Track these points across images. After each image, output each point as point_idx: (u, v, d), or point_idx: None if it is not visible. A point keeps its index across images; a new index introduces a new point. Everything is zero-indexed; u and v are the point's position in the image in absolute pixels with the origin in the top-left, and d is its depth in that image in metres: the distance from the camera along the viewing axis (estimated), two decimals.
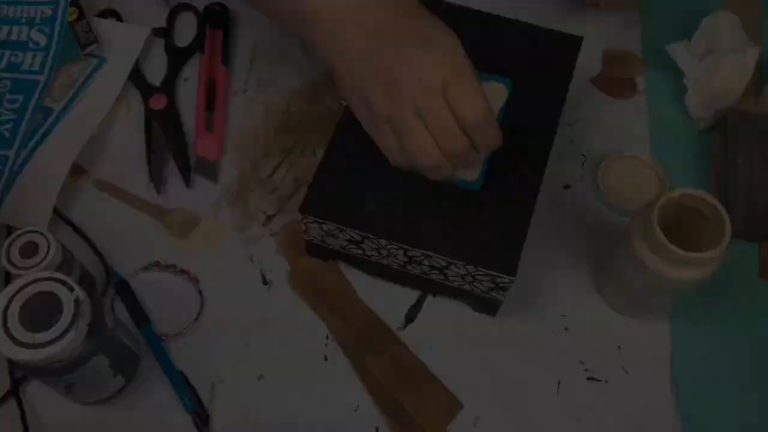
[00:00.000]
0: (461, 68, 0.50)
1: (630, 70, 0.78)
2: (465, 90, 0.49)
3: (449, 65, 0.49)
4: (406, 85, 0.49)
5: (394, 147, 0.52)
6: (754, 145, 0.69)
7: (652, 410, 0.61)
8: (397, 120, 0.50)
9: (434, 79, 0.49)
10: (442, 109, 0.49)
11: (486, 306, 0.63)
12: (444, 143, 0.50)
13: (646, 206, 0.58)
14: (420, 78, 0.49)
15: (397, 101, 0.50)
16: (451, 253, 0.57)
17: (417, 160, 0.52)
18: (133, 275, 0.65)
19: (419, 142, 0.50)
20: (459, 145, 0.51)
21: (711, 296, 0.65)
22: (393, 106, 0.50)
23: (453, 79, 0.49)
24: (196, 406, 0.59)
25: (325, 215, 0.58)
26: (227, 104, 0.75)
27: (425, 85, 0.49)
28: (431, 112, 0.49)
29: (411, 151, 0.51)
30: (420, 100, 0.49)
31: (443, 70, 0.49)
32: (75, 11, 0.75)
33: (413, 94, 0.49)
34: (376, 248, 0.60)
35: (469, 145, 0.51)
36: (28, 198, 0.66)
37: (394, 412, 0.60)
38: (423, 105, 0.49)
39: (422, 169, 0.53)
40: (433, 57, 0.49)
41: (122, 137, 0.73)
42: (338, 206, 0.58)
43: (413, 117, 0.50)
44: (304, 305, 0.64)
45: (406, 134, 0.50)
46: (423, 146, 0.50)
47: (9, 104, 0.71)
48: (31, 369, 0.51)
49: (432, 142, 0.50)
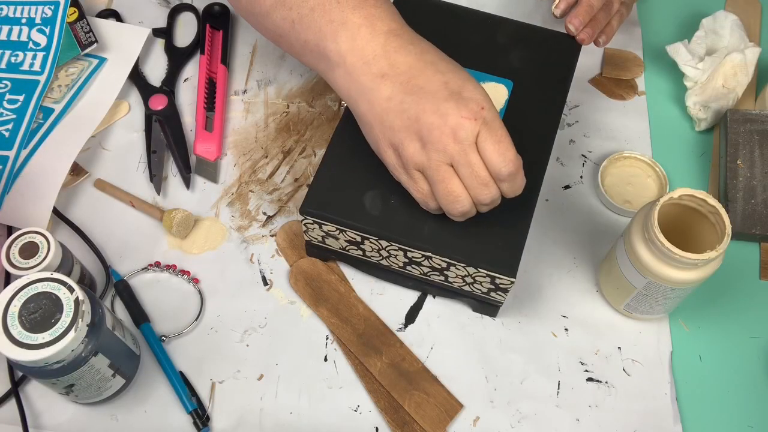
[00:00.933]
0: (492, 121, 0.51)
1: (630, 71, 0.78)
2: (496, 143, 0.51)
3: (481, 119, 0.51)
4: (441, 138, 0.51)
5: (426, 192, 0.54)
6: (753, 145, 0.69)
7: (652, 410, 0.61)
8: (432, 169, 0.52)
9: (469, 132, 0.50)
10: (476, 164, 0.51)
11: (486, 307, 0.63)
12: (476, 193, 0.52)
13: (646, 206, 0.58)
14: (455, 132, 0.50)
15: (431, 153, 0.51)
16: (451, 254, 0.57)
17: (449, 207, 0.53)
18: (133, 275, 0.65)
19: (453, 189, 0.52)
20: (491, 193, 0.53)
21: (711, 296, 0.65)
22: (427, 156, 0.52)
23: (485, 131, 0.51)
24: (196, 406, 0.59)
25: (325, 216, 0.58)
26: (227, 104, 0.75)
27: (460, 138, 0.50)
28: (465, 165, 0.51)
29: (443, 198, 0.53)
30: (455, 152, 0.51)
31: (476, 125, 0.50)
32: (75, 11, 0.75)
33: (448, 147, 0.51)
34: (376, 249, 0.60)
35: (498, 194, 0.53)
36: (28, 198, 0.66)
37: (394, 412, 0.60)
38: (457, 158, 0.51)
39: (452, 214, 0.55)
40: (467, 110, 0.50)
41: (122, 137, 0.73)
42: (338, 207, 0.58)
43: (446, 167, 0.52)
44: (304, 305, 0.65)
45: (440, 183, 0.52)
46: (457, 194, 0.52)
47: (9, 104, 0.71)
48: (32, 369, 0.51)
49: (464, 191, 0.52)
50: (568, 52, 0.67)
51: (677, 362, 0.63)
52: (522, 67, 0.65)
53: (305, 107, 0.75)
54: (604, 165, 0.71)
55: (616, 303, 0.64)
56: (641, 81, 0.78)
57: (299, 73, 0.78)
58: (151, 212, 0.68)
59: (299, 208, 0.59)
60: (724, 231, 0.54)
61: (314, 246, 0.64)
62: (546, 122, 0.63)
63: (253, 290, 0.65)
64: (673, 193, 0.56)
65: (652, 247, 0.55)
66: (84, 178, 0.70)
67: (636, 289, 0.59)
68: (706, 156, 0.74)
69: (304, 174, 0.71)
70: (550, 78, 0.65)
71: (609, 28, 0.69)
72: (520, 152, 0.61)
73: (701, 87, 0.73)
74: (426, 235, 0.57)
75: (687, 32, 0.79)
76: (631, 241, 0.57)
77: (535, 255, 0.67)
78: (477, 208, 0.55)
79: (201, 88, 0.75)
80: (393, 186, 0.58)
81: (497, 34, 0.68)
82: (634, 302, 0.61)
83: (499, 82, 0.64)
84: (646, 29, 0.82)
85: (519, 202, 0.58)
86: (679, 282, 0.56)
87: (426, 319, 0.64)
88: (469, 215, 0.55)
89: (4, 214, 0.65)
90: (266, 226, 0.68)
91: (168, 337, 0.62)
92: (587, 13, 0.66)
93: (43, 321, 0.50)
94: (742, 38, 0.75)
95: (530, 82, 0.65)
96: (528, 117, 0.63)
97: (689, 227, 0.59)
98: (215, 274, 0.66)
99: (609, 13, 0.69)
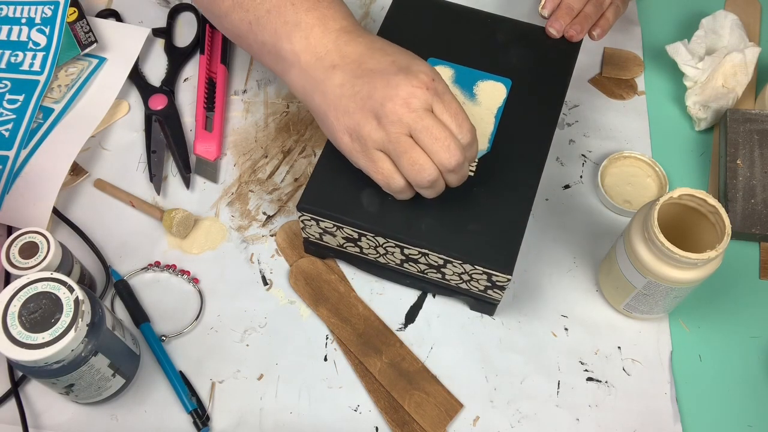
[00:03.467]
0: (444, 94, 0.53)
1: (630, 70, 0.78)
2: (453, 114, 0.53)
3: (432, 89, 0.52)
4: (395, 109, 0.51)
5: (391, 171, 0.54)
6: (753, 145, 0.70)
7: (652, 410, 0.61)
8: (392, 143, 0.52)
9: (422, 100, 0.51)
10: (433, 126, 0.52)
11: (484, 305, 0.63)
12: (440, 158, 0.52)
13: (645, 206, 0.58)
14: (407, 101, 0.51)
15: (388, 126, 0.52)
16: (447, 251, 0.57)
17: (416, 177, 0.53)
18: (132, 275, 0.65)
19: (416, 158, 0.52)
20: (454, 156, 0.53)
21: (711, 296, 0.65)
22: (385, 131, 0.52)
23: (439, 103, 0.52)
24: (196, 406, 0.59)
25: (322, 212, 0.58)
26: (227, 104, 0.75)
27: (414, 106, 0.51)
28: (423, 130, 0.52)
29: (408, 170, 0.53)
30: (410, 120, 0.52)
31: (428, 94, 0.52)
32: (75, 11, 0.75)
33: (403, 116, 0.51)
34: (373, 246, 0.60)
35: (463, 158, 0.53)
36: (28, 198, 0.66)
37: (394, 412, 0.60)
38: (414, 125, 0.52)
39: (421, 186, 0.54)
40: (417, 80, 0.52)
41: (122, 137, 0.73)
42: (336, 204, 0.58)
43: (406, 138, 0.52)
44: (303, 305, 0.65)
45: (403, 155, 0.52)
46: (421, 163, 0.52)
47: (9, 104, 0.71)
48: (31, 369, 0.51)
49: (428, 158, 0.53)
50: (567, 51, 0.67)
51: (677, 362, 0.63)
52: (521, 65, 0.65)
53: (305, 107, 0.75)
54: (604, 165, 0.71)
55: (616, 303, 0.64)
56: (641, 81, 0.78)
57: None
58: (151, 212, 0.68)
59: (297, 204, 0.59)
60: (724, 230, 0.54)
61: (312, 243, 0.64)
62: (544, 121, 0.63)
63: (253, 290, 0.65)
64: (673, 192, 0.56)
65: (651, 247, 0.55)
66: (84, 178, 0.70)
67: (636, 288, 0.59)
68: (706, 156, 0.74)
69: (304, 174, 0.71)
70: (549, 77, 0.65)
71: (604, 20, 0.69)
72: (518, 151, 0.61)
73: (701, 87, 0.73)
74: (423, 232, 0.57)
75: (687, 32, 0.79)
76: (631, 240, 0.57)
77: (535, 255, 0.67)
78: (446, 181, 0.55)
79: (201, 88, 0.75)
80: None
81: (497, 33, 0.68)
82: (633, 302, 0.61)
83: (498, 80, 0.64)
84: (645, 29, 0.82)
85: (516, 200, 0.59)
86: (679, 282, 0.56)
87: (426, 319, 0.64)
88: (438, 188, 0.55)
89: (4, 214, 0.65)
90: (266, 225, 0.68)
91: (168, 337, 0.62)
92: (567, 14, 0.67)
93: (43, 321, 0.50)
94: (741, 38, 0.75)
95: (529, 81, 0.65)
96: (526, 115, 0.63)
97: (689, 227, 0.59)
98: (215, 274, 0.66)
99: (601, 7, 0.69)
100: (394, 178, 0.54)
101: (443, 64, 0.65)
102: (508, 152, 0.61)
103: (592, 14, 0.68)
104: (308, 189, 0.59)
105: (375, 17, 0.82)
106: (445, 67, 0.65)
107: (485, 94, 0.64)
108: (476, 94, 0.64)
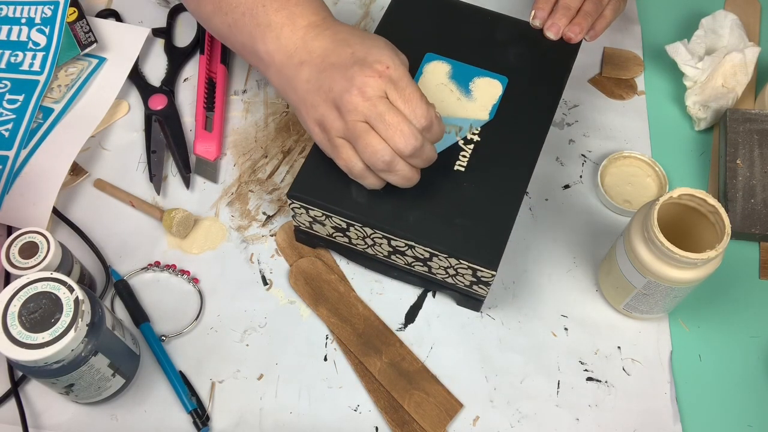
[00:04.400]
0: (400, 80, 0.54)
1: (629, 70, 0.78)
2: (406, 101, 0.54)
3: (386, 77, 0.54)
4: (351, 99, 0.53)
5: (352, 157, 0.56)
6: (753, 144, 0.70)
7: (652, 410, 0.61)
8: (350, 130, 0.54)
9: (375, 88, 0.53)
10: (384, 112, 0.53)
11: (470, 301, 0.63)
12: (394, 142, 0.54)
13: (645, 206, 0.58)
14: (361, 90, 0.53)
15: (346, 116, 0.54)
16: (433, 244, 0.57)
17: (372, 160, 0.55)
18: (132, 275, 0.65)
19: (370, 142, 0.54)
20: (407, 141, 0.54)
21: (711, 296, 0.65)
22: (344, 120, 0.54)
23: (393, 90, 0.54)
24: (195, 405, 0.59)
25: (311, 200, 0.59)
26: (227, 104, 0.75)
27: (368, 95, 0.53)
28: (376, 117, 0.53)
29: (364, 154, 0.55)
30: (365, 108, 0.53)
31: (381, 81, 0.53)
32: (75, 11, 0.75)
33: (358, 105, 0.53)
34: (361, 237, 0.60)
35: (419, 142, 0.54)
36: (28, 198, 0.66)
37: (394, 412, 0.60)
38: (368, 113, 0.53)
39: (378, 169, 0.56)
40: (371, 70, 0.54)
41: (122, 137, 0.73)
42: (325, 192, 0.59)
43: (362, 124, 0.54)
44: (303, 305, 0.65)
45: (359, 139, 0.54)
46: (374, 146, 0.54)
47: (9, 104, 0.71)
48: (31, 369, 0.51)
49: (382, 141, 0.54)
50: (566, 51, 0.67)
51: (677, 362, 0.63)
52: (519, 64, 0.66)
53: None
54: (604, 165, 0.71)
55: (616, 302, 0.64)
56: (641, 80, 0.78)
57: None
58: (151, 212, 0.68)
59: (287, 192, 0.59)
60: (724, 230, 0.54)
61: (302, 232, 0.64)
62: (538, 119, 0.63)
63: (253, 290, 0.65)
64: (673, 192, 0.56)
65: (651, 247, 0.55)
66: (84, 178, 0.70)
67: (636, 288, 0.59)
68: (706, 155, 0.74)
69: None
70: (547, 75, 0.65)
71: (601, 20, 0.69)
72: (511, 147, 0.61)
73: (701, 86, 0.73)
74: (410, 224, 0.58)
75: (686, 32, 0.79)
76: (631, 240, 0.57)
77: (535, 254, 0.67)
78: (412, 164, 0.56)
79: (201, 88, 0.75)
80: None
81: (496, 30, 0.68)
82: (633, 302, 0.61)
83: (494, 77, 0.64)
84: (645, 29, 0.82)
85: (505, 197, 0.59)
86: (679, 281, 0.56)
87: (426, 319, 0.64)
88: (402, 173, 0.55)
89: (4, 214, 0.65)
90: (266, 225, 0.68)
91: (168, 337, 0.62)
92: (564, 15, 0.67)
93: (42, 321, 0.50)
94: (741, 38, 0.75)
95: (526, 79, 0.65)
96: (520, 113, 0.63)
97: (689, 227, 0.59)
98: (215, 274, 0.66)
99: (600, 4, 0.68)
100: (354, 162, 0.56)
101: (440, 60, 0.65)
102: (500, 148, 0.61)
103: (591, 12, 0.67)
104: (299, 177, 0.60)
105: (375, 17, 0.82)
106: (441, 62, 0.65)
107: (481, 90, 0.64)
108: (472, 91, 0.64)
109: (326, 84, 0.55)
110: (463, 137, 0.62)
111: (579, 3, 0.67)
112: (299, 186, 0.59)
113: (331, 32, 0.57)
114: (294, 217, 0.63)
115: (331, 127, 0.55)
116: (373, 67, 0.54)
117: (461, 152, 0.61)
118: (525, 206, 0.70)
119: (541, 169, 0.71)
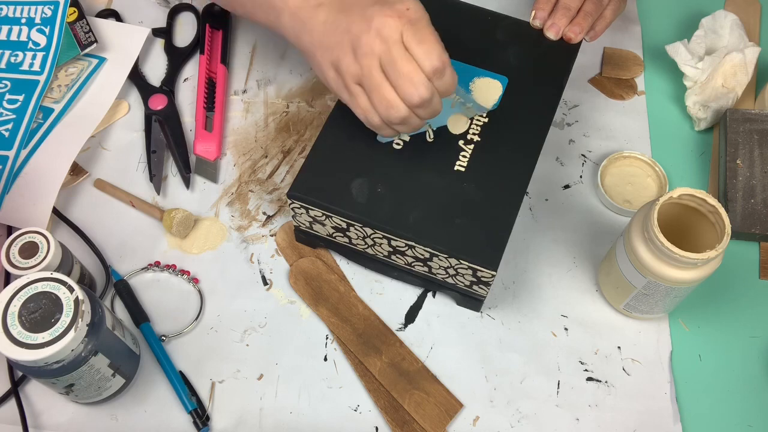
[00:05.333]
0: (418, 21, 0.53)
1: (629, 70, 0.78)
2: (420, 42, 0.52)
3: (405, 18, 0.52)
4: (367, 41, 0.52)
5: (367, 106, 0.55)
6: (753, 144, 0.70)
7: (652, 410, 0.61)
8: (365, 77, 0.53)
9: (393, 30, 0.52)
10: (398, 59, 0.52)
11: (470, 301, 0.63)
12: (403, 92, 0.53)
13: (645, 206, 0.58)
14: (379, 31, 0.52)
15: (361, 59, 0.53)
16: (433, 244, 0.57)
17: (386, 114, 0.54)
18: (132, 275, 0.65)
19: (385, 95, 0.53)
20: (418, 91, 0.53)
21: (711, 296, 0.65)
22: (360, 64, 0.53)
23: (410, 31, 0.52)
24: (195, 405, 0.59)
25: (311, 200, 0.59)
26: (227, 104, 0.75)
27: (384, 36, 0.52)
28: (390, 63, 0.52)
29: (379, 107, 0.54)
30: (381, 52, 0.52)
31: (400, 23, 0.52)
32: (75, 11, 0.75)
33: (375, 47, 0.52)
34: (361, 237, 0.60)
35: (428, 93, 0.53)
36: (28, 198, 0.66)
37: (394, 412, 0.60)
38: (383, 57, 0.52)
39: (392, 123, 0.55)
40: (390, 10, 0.52)
41: (122, 137, 0.73)
42: (325, 192, 0.59)
43: (378, 71, 0.53)
44: (303, 305, 0.65)
45: (374, 91, 0.53)
46: (390, 100, 0.53)
47: (9, 104, 0.71)
48: (31, 369, 0.51)
49: (396, 95, 0.53)
50: (566, 51, 0.67)
51: (677, 362, 0.63)
52: (519, 64, 0.66)
53: (305, 107, 0.75)
54: (604, 165, 0.71)
55: (616, 302, 0.64)
56: (641, 81, 0.78)
57: (299, 72, 0.78)
58: (151, 212, 0.68)
59: (287, 192, 0.59)
60: (724, 230, 0.54)
61: (302, 232, 0.64)
62: (538, 119, 0.63)
63: (253, 290, 0.65)
64: (673, 192, 0.56)
65: (651, 247, 0.55)
66: (84, 178, 0.71)
67: (636, 288, 0.59)
68: (706, 155, 0.74)
69: None
70: (547, 75, 0.66)
71: (601, 20, 0.69)
72: (511, 147, 0.61)
73: (701, 87, 0.73)
74: (410, 224, 0.58)
75: (686, 32, 0.79)
76: (631, 240, 0.57)
77: (535, 254, 0.67)
78: (417, 115, 0.55)
79: (201, 88, 0.75)
80: (381, 175, 0.59)
81: (496, 30, 0.68)
82: (633, 302, 0.61)
83: (495, 77, 0.64)
84: (645, 29, 0.82)
85: (505, 197, 0.59)
86: (679, 281, 0.56)
87: (426, 319, 0.64)
88: (412, 124, 0.55)
89: (4, 214, 0.65)
90: (266, 225, 0.68)
91: (168, 337, 0.62)
92: (564, 15, 0.67)
93: (42, 321, 0.50)
94: (741, 38, 0.75)
95: (526, 79, 0.65)
96: (520, 113, 0.63)
97: (689, 227, 0.59)
98: (215, 274, 0.66)
99: (600, 4, 0.68)
100: (371, 114, 0.55)
101: None
102: (500, 148, 0.61)
103: (591, 12, 0.67)
104: (299, 177, 0.60)
105: None
106: None
107: (481, 90, 0.64)
108: (472, 90, 0.64)
109: (344, 24, 0.54)
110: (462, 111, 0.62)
111: (579, 3, 0.67)
112: (299, 186, 0.59)
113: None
114: (294, 217, 0.63)
115: (346, 72, 0.54)
116: (394, 7, 0.53)
117: (461, 152, 0.61)
118: (525, 206, 0.70)
119: (541, 169, 0.71)
